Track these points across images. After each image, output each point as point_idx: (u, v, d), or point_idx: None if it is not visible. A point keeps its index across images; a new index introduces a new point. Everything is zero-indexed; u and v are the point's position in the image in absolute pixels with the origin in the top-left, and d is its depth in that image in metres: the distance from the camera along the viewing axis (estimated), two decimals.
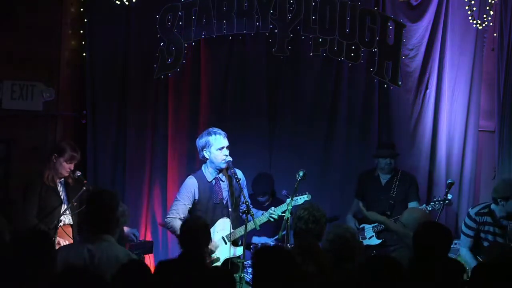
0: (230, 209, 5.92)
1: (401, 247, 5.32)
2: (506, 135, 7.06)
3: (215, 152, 5.87)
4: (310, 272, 4.09)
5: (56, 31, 7.11)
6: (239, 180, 5.81)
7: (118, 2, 6.89)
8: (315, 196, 6.22)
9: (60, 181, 5.94)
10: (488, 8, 6.94)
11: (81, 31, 7.22)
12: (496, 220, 5.91)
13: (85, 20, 7.21)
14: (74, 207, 5.78)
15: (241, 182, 5.87)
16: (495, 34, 7.17)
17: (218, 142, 5.87)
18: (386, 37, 7.08)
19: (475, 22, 6.95)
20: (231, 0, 7.02)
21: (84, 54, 7.23)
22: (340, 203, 7.13)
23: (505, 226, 5.91)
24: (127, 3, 6.92)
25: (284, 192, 6.11)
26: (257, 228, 5.79)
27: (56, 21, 7.11)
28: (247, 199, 5.80)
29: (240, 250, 5.81)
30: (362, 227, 6.59)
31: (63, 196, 5.92)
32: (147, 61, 7.20)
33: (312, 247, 4.42)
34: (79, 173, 5.89)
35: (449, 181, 6.39)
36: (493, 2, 6.96)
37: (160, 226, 7.13)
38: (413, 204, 6.55)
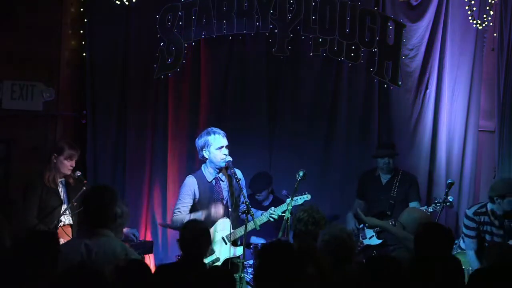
0: (230, 209, 5.92)
1: (400, 248, 5.32)
2: (506, 135, 7.06)
3: (215, 152, 5.87)
4: (310, 274, 4.08)
5: (56, 31, 7.11)
6: (239, 180, 5.81)
7: (118, 2, 6.89)
8: (315, 196, 6.22)
9: (61, 181, 5.94)
10: (488, 8, 6.95)
11: (81, 31, 7.22)
12: (493, 220, 5.89)
13: (85, 20, 7.21)
14: (74, 207, 5.78)
15: (241, 182, 5.87)
16: (495, 34, 7.17)
17: (217, 142, 5.87)
18: (386, 37, 7.08)
19: (475, 22, 6.95)
20: (231, 0, 7.02)
21: (84, 54, 7.23)
22: (340, 203, 7.13)
23: (503, 225, 5.89)
24: (127, 3, 6.92)
25: (284, 192, 6.11)
26: (257, 228, 5.79)
27: (56, 21, 7.11)
28: (247, 199, 5.79)
29: (240, 250, 5.81)
30: (363, 227, 6.58)
31: (64, 196, 5.92)
32: (147, 61, 7.20)
33: (312, 249, 4.41)
34: (79, 173, 5.90)
35: (449, 181, 6.38)
36: (493, 2, 6.97)
37: (160, 226, 7.13)
38: (414, 204, 6.55)
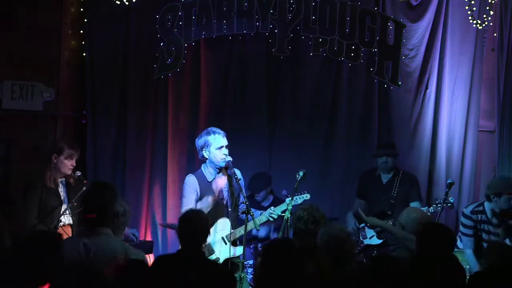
0: (230, 209, 5.91)
1: (400, 248, 5.31)
2: (506, 135, 7.06)
3: (214, 152, 5.86)
4: (310, 273, 4.07)
5: (56, 31, 7.11)
6: (239, 180, 5.81)
7: (118, 2, 6.89)
8: (315, 196, 6.21)
9: (61, 181, 5.94)
10: (488, 8, 6.95)
11: (81, 31, 7.23)
12: (491, 218, 5.88)
13: (85, 20, 7.21)
14: (74, 207, 5.78)
15: (240, 182, 5.87)
16: (495, 34, 7.17)
17: (217, 141, 5.86)
18: (386, 37, 7.08)
19: (475, 22, 6.95)
20: (231, 0, 7.03)
21: (84, 54, 7.23)
22: (340, 203, 7.13)
23: (501, 224, 5.87)
24: (127, 3, 6.92)
25: (284, 192, 6.11)
26: (257, 228, 5.79)
27: (56, 21, 7.11)
28: (246, 200, 5.79)
29: (240, 250, 5.81)
30: (363, 226, 6.58)
31: (64, 196, 5.92)
32: (147, 61, 7.20)
33: (312, 248, 4.41)
34: (79, 173, 5.90)
35: (449, 181, 6.36)
36: (493, 2, 6.97)
37: (160, 226, 7.13)
38: (415, 204, 6.52)
